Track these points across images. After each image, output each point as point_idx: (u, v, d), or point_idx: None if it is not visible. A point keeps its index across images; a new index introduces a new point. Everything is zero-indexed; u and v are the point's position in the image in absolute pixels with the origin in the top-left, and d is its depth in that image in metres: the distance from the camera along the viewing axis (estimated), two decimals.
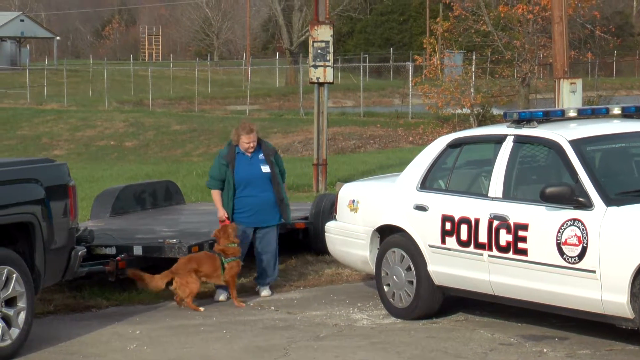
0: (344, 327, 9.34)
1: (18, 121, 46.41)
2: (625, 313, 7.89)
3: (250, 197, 10.52)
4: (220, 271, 10.19)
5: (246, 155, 10.56)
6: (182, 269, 10.11)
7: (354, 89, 51.98)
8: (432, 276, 9.28)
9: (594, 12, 35.20)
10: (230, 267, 10.21)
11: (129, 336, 9.16)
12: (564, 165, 8.49)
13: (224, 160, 10.54)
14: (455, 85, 34.68)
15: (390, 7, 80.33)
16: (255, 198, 10.53)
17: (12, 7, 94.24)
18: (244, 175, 10.52)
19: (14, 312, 8.43)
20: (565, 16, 16.22)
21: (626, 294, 7.81)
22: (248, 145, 10.55)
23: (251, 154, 10.57)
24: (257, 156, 10.62)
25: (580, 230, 8.07)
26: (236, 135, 10.60)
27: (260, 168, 10.58)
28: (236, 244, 10.27)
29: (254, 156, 10.60)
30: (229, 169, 10.50)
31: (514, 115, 9.08)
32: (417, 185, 9.51)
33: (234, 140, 10.62)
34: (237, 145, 10.58)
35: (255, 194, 10.53)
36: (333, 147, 32.14)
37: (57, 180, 9.01)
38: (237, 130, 10.63)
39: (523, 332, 8.88)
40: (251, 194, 10.52)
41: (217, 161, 10.63)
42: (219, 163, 10.59)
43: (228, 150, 10.62)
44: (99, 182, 21.85)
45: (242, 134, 10.54)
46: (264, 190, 10.55)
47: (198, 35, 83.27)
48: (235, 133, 10.64)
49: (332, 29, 18.07)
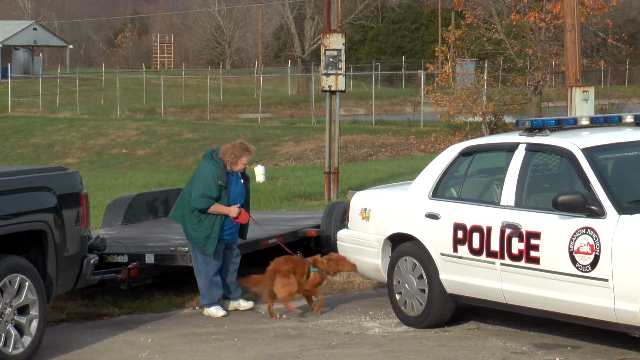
0: (356, 335, 9.33)
1: (31, 129, 46.60)
2: (638, 321, 7.85)
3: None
4: (305, 278, 10.19)
5: (232, 174, 10.24)
6: (283, 269, 10.10)
7: (366, 97, 52.04)
8: (444, 284, 9.26)
9: (606, 20, 35.11)
10: (314, 276, 10.22)
11: (140, 344, 9.16)
12: (576, 173, 8.47)
13: (222, 181, 10.09)
14: (467, 94, 34.68)
15: (402, 16, 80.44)
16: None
17: (25, 15, 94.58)
18: (234, 196, 10.24)
19: (26, 320, 8.45)
20: (578, 24, 16.19)
21: (639, 302, 7.77)
22: (244, 166, 10.27)
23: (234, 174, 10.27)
24: (237, 175, 10.33)
25: (593, 238, 8.05)
26: (233, 156, 10.12)
27: (241, 185, 10.36)
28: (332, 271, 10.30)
29: (235, 175, 10.31)
30: (223, 191, 10.12)
31: (526, 123, 9.07)
32: (429, 193, 9.50)
33: (228, 159, 10.14)
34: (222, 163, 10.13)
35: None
36: (345, 155, 32.16)
37: (69, 188, 9.03)
38: (235, 150, 10.15)
39: (535, 340, 8.86)
40: None
41: (212, 179, 10.02)
42: (215, 183, 10.03)
43: (219, 169, 10.13)
44: (111, 190, 21.91)
45: (244, 154, 10.18)
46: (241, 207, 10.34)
47: (210, 43, 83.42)
48: (231, 152, 10.14)
49: (344, 37, 18.09)
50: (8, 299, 8.28)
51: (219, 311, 10.21)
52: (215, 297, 10.23)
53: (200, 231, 10.08)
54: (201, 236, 10.08)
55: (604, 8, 32.45)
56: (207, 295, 10.22)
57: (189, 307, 10.65)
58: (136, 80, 62.44)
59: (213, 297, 10.22)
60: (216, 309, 10.22)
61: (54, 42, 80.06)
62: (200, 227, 10.08)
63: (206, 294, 10.22)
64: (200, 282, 10.24)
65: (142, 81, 59.88)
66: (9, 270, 8.28)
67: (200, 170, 10.22)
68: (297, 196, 19.64)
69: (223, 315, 10.18)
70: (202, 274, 10.21)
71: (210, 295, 10.21)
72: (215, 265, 10.20)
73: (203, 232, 10.08)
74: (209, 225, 10.08)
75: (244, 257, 10.68)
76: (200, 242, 10.10)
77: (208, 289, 10.20)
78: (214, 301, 10.23)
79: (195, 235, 10.11)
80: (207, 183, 10.04)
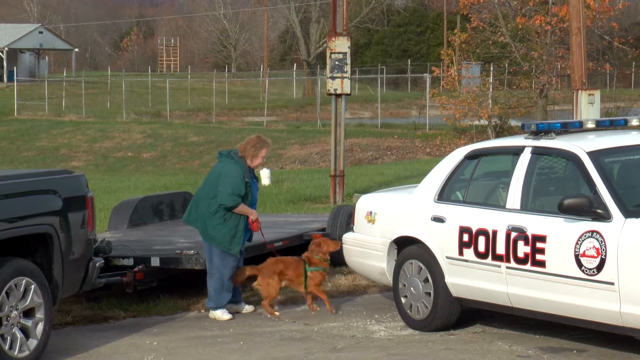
0: (361, 338, 9.33)
1: (37, 133, 46.68)
2: None
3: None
4: (303, 278, 10.27)
5: (251, 173, 10.34)
6: (267, 270, 10.21)
7: (372, 101, 52.05)
8: (449, 288, 9.26)
9: (612, 24, 35.09)
10: (313, 275, 10.29)
11: (146, 347, 9.17)
12: (582, 176, 8.47)
13: (247, 178, 10.15)
14: (472, 97, 34.66)
15: (408, 19, 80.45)
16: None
17: (31, 19, 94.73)
18: (255, 194, 10.36)
19: (32, 323, 8.47)
20: (584, 27, 16.19)
21: None
22: (264, 160, 10.35)
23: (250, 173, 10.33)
24: (252, 173, 10.42)
25: (599, 242, 8.04)
26: (254, 149, 10.20)
27: (257, 186, 10.49)
28: (323, 259, 10.34)
29: (252, 173, 10.39)
30: (248, 188, 10.15)
31: (531, 126, 9.07)
32: (435, 196, 9.50)
33: (249, 153, 10.20)
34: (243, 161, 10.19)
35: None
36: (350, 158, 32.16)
37: (75, 191, 9.05)
38: (255, 143, 10.22)
39: (541, 344, 8.85)
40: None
41: (238, 177, 10.05)
42: (241, 180, 10.07)
43: (243, 168, 10.18)
44: (116, 193, 21.95)
45: (264, 147, 10.25)
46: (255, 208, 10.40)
47: (216, 46, 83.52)
48: (252, 146, 10.21)
49: (350, 40, 18.10)
50: (14, 302, 8.29)
51: (224, 314, 10.21)
52: (223, 302, 10.23)
53: (225, 231, 10.08)
54: (227, 236, 10.08)
55: (609, 11, 32.47)
56: (215, 298, 10.22)
57: (195, 310, 10.64)
58: (142, 83, 62.55)
59: (221, 301, 10.22)
60: (222, 312, 10.22)
61: (60, 45, 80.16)
62: (225, 227, 10.08)
63: (215, 297, 10.22)
64: (212, 284, 10.22)
65: (147, 84, 59.98)
66: (15, 273, 8.29)
67: (226, 170, 10.16)
68: (302, 199, 19.66)
69: (229, 318, 10.18)
70: (215, 277, 10.20)
71: (218, 298, 10.21)
72: (231, 269, 10.20)
73: (228, 232, 10.08)
74: (234, 224, 10.10)
75: (251, 261, 10.69)
76: (226, 242, 10.09)
77: (218, 292, 10.19)
78: (222, 305, 10.24)
79: (220, 235, 10.10)
80: (236, 181, 10.06)
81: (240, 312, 10.42)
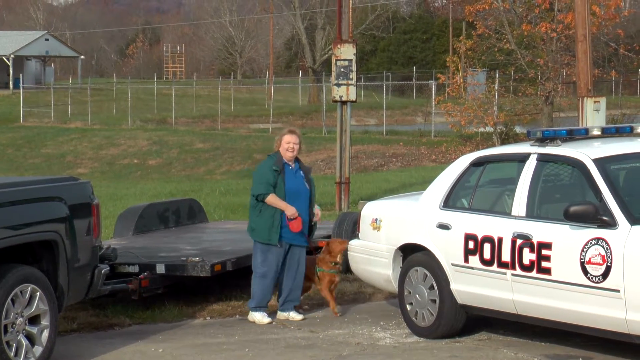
0: (367, 345, 9.32)
1: (43, 140, 46.80)
2: None
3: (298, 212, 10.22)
4: (315, 277, 10.44)
5: (291, 168, 10.24)
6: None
7: (377, 108, 52.08)
8: (455, 295, 9.26)
9: (618, 31, 35.10)
10: (322, 276, 10.41)
11: (151, 354, 9.18)
12: (587, 183, 8.46)
13: (276, 166, 10.10)
14: (478, 104, 34.69)
15: (414, 26, 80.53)
16: (301, 214, 10.23)
17: (37, 26, 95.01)
18: (294, 186, 10.18)
19: (37, 330, 8.47)
20: (589, 34, 16.18)
21: None
22: (289, 145, 10.17)
23: (294, 168, 10.28)
24: (299, 172, 10.32)
25: (604, 249, 8.04)
26: (278, 139, 10.26)
27: (304, 184, 10.32)
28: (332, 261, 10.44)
29: (297, 171, 10.29)
30: (280, 176, 10.09)
31: (537, 133, 9.08)
32: (440, 203, 9.50)
33: (277, 144, 10.25)
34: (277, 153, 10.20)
35: (300, 209, 10.20)
36: (356, 165, 32.19)
37: (80, 198, 9.06)
38: (280, 134, 10.32)
39: (547, 351, 8.85)
40: (298, 209, 10.18)
41: (267, 167, 10.11)
42: (269, 168, 10.07)
43: (276, 158, 10.18)
44: (122, 200, 21.97)
45: (286, 133, 10.24)
46: (304, 207, 10.26)
47: (221, 54, 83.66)
48: (277, 138, 10.31)
49: (355, 47, 18.11)
50: (19, 309, 8.30)
51: (264, 318, 10.21)
52: (264, 302, 10.24)
53: (262, 222, 10.10)
54: (264, 226, 10.08)
55: (615, 18, 32.46)
56: (256, 298, 10.21)
57: (200, 317, 10.65)
58: (147, 90, 62.65)
59: (262, 300, 10.22)
60: (262, 316, 10.22)
61: (66, 52, 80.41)
62: (261, 219, 10.11)
63: (256, 297, 10.21)
64: (255, 283, 10.23)
65: (153, 91, 60.06)
66: (21, 280, 8.30)
67: (257, 166, 10.45)
68: None
69: (268, 322, 10.18)
70: (258, 276, 10.20)
71: (259, 298, 10.20)
72: (274, 268, 10.15)
73: (265, 222, 10.08)
74: (270, 215, 10.09)
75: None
76: (264, 233, 10.09)
77: (261, 290, 10.18)
78: (262, 305, 10.25)
79: (258, 227, 10.13)
80: (263, 171, 10.17)
81: (289, 319, 10.32)
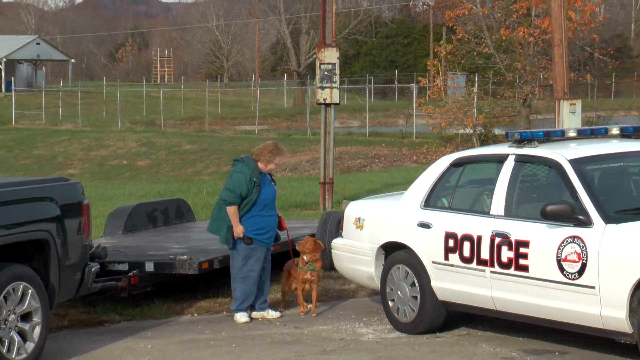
0: (350, 341, 9.48)
1: (34, 141, 46.82)
2: (624, 328, 8.00)
3: (270, 217, 10.42)
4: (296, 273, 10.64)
5: (265, 175, 10.46)
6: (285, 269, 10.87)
7: (360, 110, 52.26)
8: (435, 292, 9.42)
9: (593, 35, 35.49)
10: (299, 272, 10.61)
11: (140, 351, 9.32)
12: (564, 183, 8.60)
13: (256, 178, 10.28)
14: (458, 106, 34.94)
15: (395, 30, 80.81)
16: (273, 218, 10.47)
17: (28, 30, 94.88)
18: (268, 195, 10.40)
19: (29, 326, 8.59)
20: (565, 39, 16.36)
21: (625, 309, 7.92)
22: (277, 165, 10.53)
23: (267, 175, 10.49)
24: (267, 176, 10.55)
25: (580, 247, 8.18)
26: (270, 155, 10.34)
27: (274, 188, 10.58)
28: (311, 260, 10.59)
29: (267, 176, 10.54)
30: (255, 188, 10.28)
31: (515, 135, 9.22)
32: (421, 203, 9.67)
33: (265, 158, 10.35)
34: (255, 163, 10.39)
35: (272, 214, 10.46)
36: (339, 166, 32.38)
37: (71, 198, 9.19)
38: (273, 150, 10.38)
39: (525, 346, 9.01)
40: (269, 214, 10.42)
41: (245, 178, 10.23)
42: (248, 180, 10.22)
43: (253, 167, 10.34)
44: (112, 201, 22.07)
45: (280, 155, 10.43)
46: (274, 210, 10.52)
47: (208, 57, 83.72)
48: (269, 152, 10.35)
49: (339, 51, 18.29)
50: (12, 306, 8.43)
51: (243, 317, 10.38)
52: (245, 305, 10.40)
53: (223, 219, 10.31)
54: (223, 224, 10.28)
55: (590, 23, 32.82)
56: (236, 300, 10.41)
57: (188, 314, 10.80)
58: (136, 93, 62.71)
59: (244, 303, 10.39)
60: (241, 315, 10.40)
61: (57, 56, 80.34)
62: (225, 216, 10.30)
63: (239, 299, 10.40)
64: (235, 286, 10.40)
65: (142, 94, 60.15)
66: (13, 278, 8.43)
67: (234, 170, 10.46)
68: (293, 206, 19.80)
69: (245, 321, 10.33)
70: (239, 279, 10.37)
71: (243, 301, 10.38)
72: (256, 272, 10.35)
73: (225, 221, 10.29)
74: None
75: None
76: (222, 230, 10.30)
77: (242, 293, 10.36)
78: (241, 309, 10.41)
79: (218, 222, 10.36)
80: (238, 180, 10.25)
81: (266, 317, 10.50)
